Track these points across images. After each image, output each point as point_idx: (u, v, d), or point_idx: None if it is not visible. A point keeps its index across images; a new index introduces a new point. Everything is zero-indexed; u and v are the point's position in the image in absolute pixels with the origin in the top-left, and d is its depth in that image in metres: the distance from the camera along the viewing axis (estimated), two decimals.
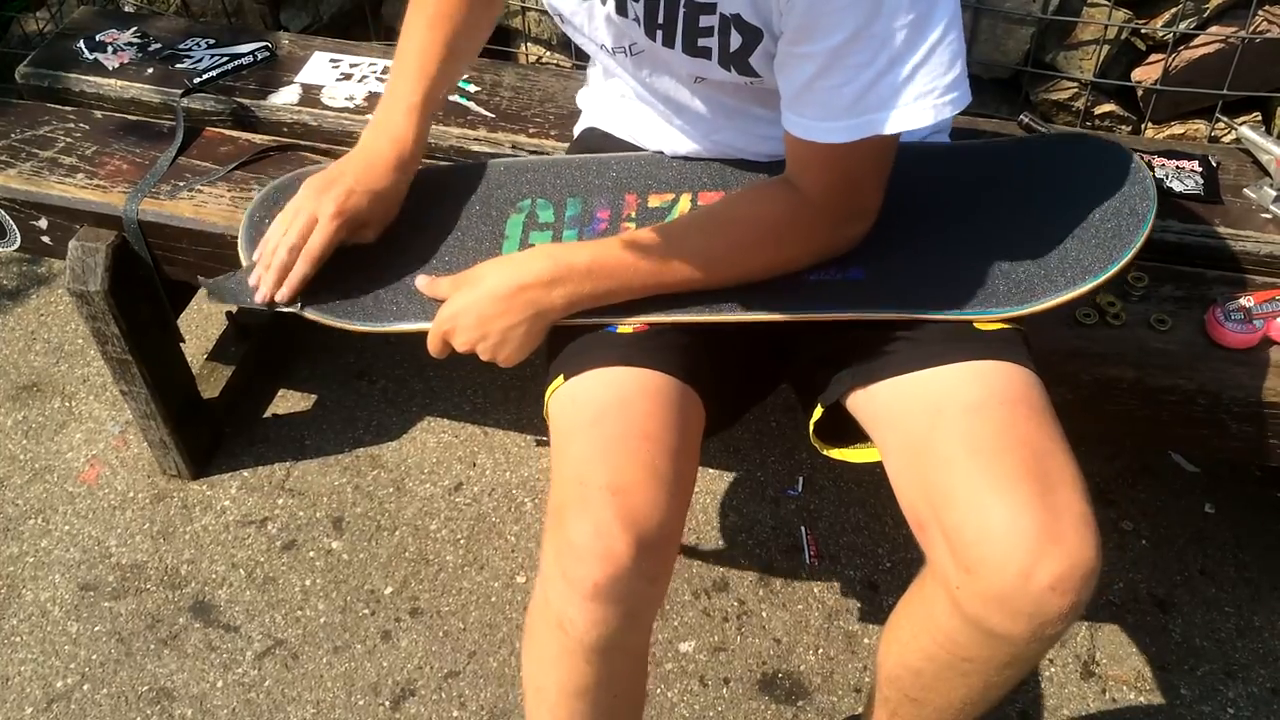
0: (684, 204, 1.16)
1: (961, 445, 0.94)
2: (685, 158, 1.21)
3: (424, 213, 1.22)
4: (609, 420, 1.00)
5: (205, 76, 1.62)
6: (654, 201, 1.17)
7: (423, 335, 1.10)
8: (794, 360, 1.17)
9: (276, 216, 1.16)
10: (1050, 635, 0.92)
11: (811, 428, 1.11)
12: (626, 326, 1.07)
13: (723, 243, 1.04)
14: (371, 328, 1.12)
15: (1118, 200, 1.08)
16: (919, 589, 1.02)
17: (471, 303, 1.05)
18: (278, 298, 1.13)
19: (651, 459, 0.97)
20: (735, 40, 0.98)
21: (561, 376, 1.06)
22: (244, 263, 1.18)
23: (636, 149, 1.25)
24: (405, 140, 1.18)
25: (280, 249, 1.13)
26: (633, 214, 1.17)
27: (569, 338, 1.08)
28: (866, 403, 1.05)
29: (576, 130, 1.35)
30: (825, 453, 1.13)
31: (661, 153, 1.22)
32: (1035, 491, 0.90)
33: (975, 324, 1.03)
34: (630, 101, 1.23)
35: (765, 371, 1.21)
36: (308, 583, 1.59)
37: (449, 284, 1.10)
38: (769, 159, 1.18)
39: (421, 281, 1.13)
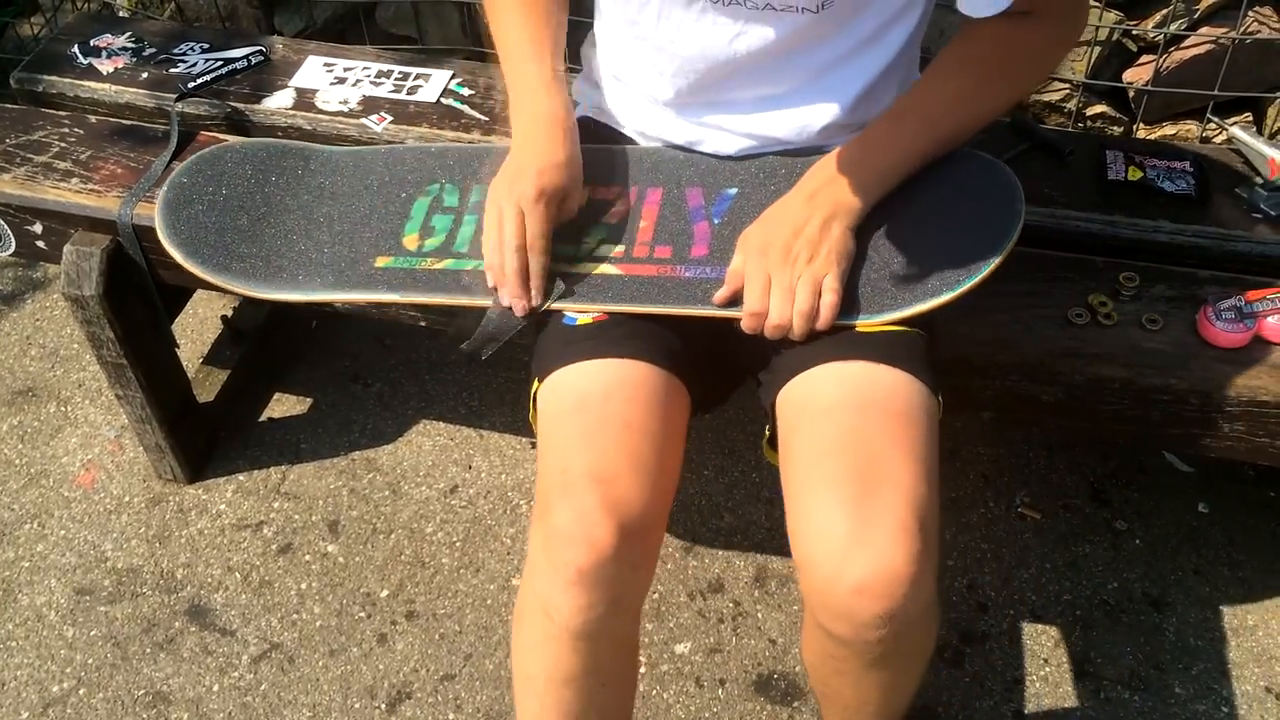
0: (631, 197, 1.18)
1: (808, 446, 0.96)
2: (662, 141, 1.21)
3: (340, 190, 1.25)
4: (590, 409, 1.01)
5: (199, 81, 1.62)
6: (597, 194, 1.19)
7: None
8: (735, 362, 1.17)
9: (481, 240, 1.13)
10: (876, 639, 0.91)
11: (764, 445, 1.11)
12: (585, 318, 1.08)
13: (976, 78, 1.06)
14: (267, 294, 1.17)
15: (989, 213, 1.10)
16: None
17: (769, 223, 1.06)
18: (534, 302, 1.09)
19: (634, 447, 0.98)
20: None
21: (537, 379, 1.08)
22: (167, 246, 1.23)
23: (620, 134, 1.25)
24: (557, 113, 1.13)
25: (507, 256, 1.08)
26: None
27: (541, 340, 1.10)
28: (779, 410, 1.06)
29: None
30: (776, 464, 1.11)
31: (629, 146, 1.22)
32: (854, 494, 0.90)
33: (857, 327, 1.03)
34: (620, 80, 1.21)
35: (732, 360, 1.20)
36: (303, 586, 1.59)
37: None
38: (741, 152, 1.17)
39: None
